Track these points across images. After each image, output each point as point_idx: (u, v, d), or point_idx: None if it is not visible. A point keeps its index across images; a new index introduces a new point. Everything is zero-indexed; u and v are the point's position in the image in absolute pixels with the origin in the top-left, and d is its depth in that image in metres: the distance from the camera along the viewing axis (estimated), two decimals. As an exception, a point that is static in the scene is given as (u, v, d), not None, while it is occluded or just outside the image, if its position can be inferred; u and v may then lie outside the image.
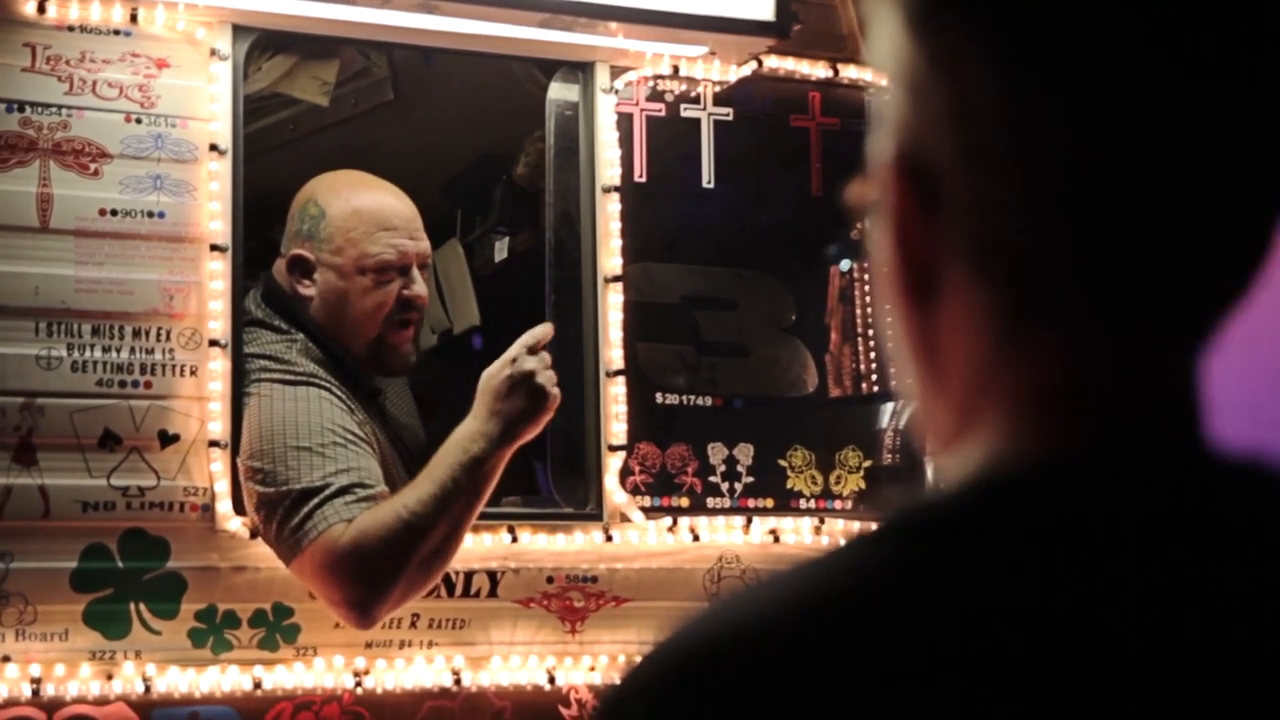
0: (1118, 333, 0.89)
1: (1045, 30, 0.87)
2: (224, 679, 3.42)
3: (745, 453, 3.88)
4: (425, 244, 3.71)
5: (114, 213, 3.45)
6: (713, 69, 3.95)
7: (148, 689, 3.36)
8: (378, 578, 3.28)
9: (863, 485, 3.96)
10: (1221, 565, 0.84)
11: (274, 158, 4.68)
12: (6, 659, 3.30)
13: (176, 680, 3.39)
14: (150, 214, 3.48)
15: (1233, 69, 0.87)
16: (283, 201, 4.58)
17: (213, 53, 3.55)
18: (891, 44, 0.93)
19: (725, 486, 3.86)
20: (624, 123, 3.88)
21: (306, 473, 3.34)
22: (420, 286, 3.66)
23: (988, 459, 0.90)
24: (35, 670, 3.30)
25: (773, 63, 3.98)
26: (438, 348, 5.32)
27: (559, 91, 3.92)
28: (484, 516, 3.58)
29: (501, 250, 5.09)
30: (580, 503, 3.77)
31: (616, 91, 3.87)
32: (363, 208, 3.64)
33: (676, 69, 3.92)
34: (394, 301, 3.62)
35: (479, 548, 3.61)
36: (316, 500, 3.31)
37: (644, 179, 3.88)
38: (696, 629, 0.87)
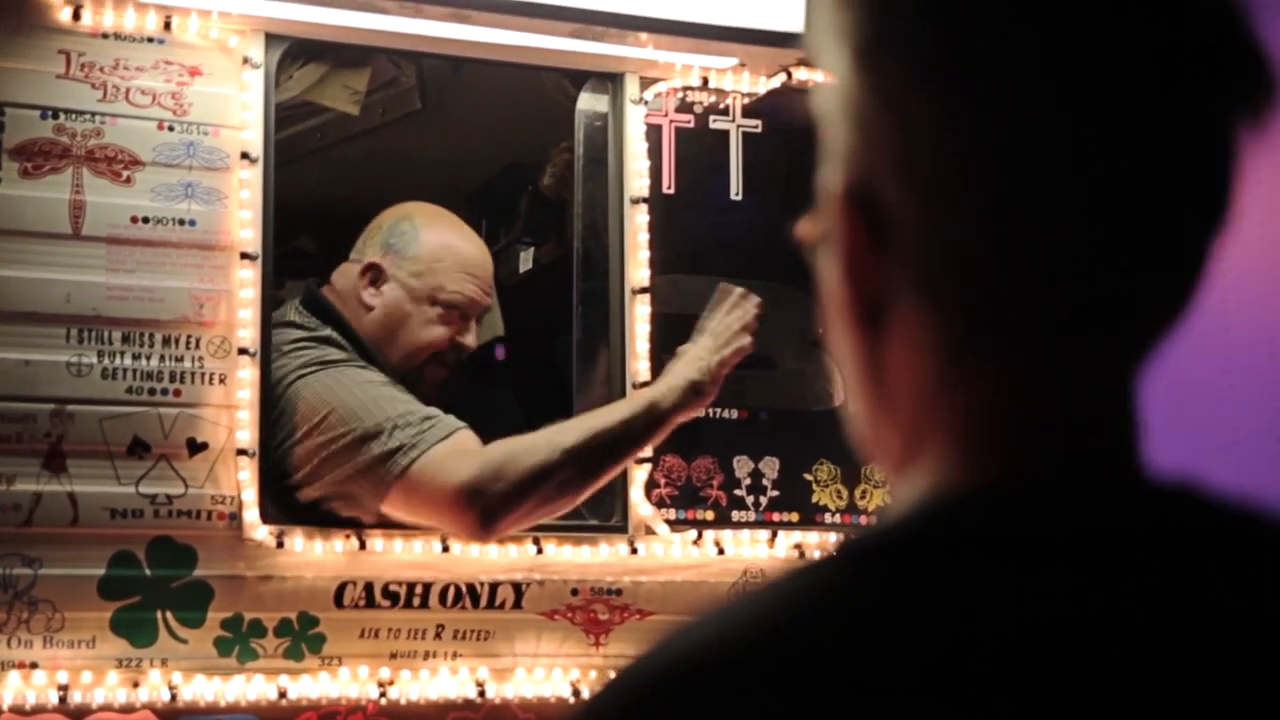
0: (1060, 359, 0.92)
1: (987, 69, 0.89)
2: (249, 688, 3.43)
3: (771, 466, 3.87)
4: (489, 302, 3.89)
5: (145, 220, 3.46)
6: (742, 80, 3.95)
7: (174, 697, 3.37)
8: (514, 487, 3.35)
9: (888, 500, 3.96)
10: (1153, 580, 0.87)
11: (300, 166, 4.69)
12: (34, 665, 3.30)
13: (202, 689, 3.40)
14: (181, 222, 3.49)
15: (1167, 104, 0.90)
16: (309, 210, 4.60)
17: (245, 61, 3.55)
18: (837, 77, 0.95)
19: (750, 500, 3.85)
20: (653, 134, 3.88)
21: (394, 411, 3.45)
22: (472, 338, 3.82)
23: (934, 483, 0.92)
24: (63, 677, 3.31)
25: (802, 74, 3.97)
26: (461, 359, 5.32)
27: (588, 102, 3.92)
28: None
29: (526, 261, 5.08)
30: (605, 515, 3.77)
31: (646, 102, 3.88)
32: (455, 246, 3.80)
33: (706, 80, 3.93)
34: (447, 342, 3.75)
35: (503, 559, 3.61)
36: (411, 430, 3.41)
37: (672, 190, 3.89)
38: (668, 648, 0.89)
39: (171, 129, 3.51)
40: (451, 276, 3.76)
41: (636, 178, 3.84)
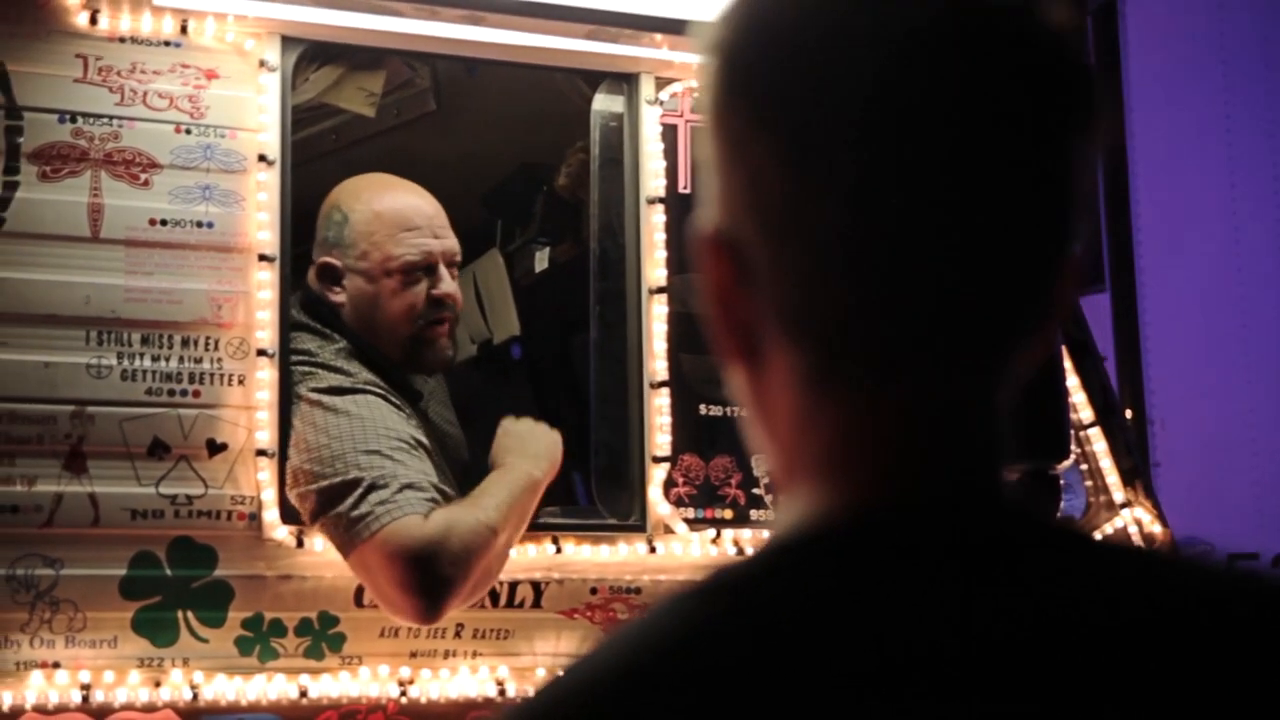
0: (905, 385, 0.97)
1: (813, 117, 0.95)
2: (270, 687, 3.44)
3: (789, 464, 3.87)
4: (451, 242, 3.77)
5: (163, 223, 3.48)
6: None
7: (195, 696, 3.38)
8: (455, 572, 3.30)
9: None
10: (991, 589, 0.92)
11: (316, 168, 4.70)
12: (57, 665, 3.32)
13: (223, 688, 3.41)
14: (199, 224, 3.50)
15: (994, 131, 0.95)
16: (314, 210, 4.60)
17: (261, 64, 3.57)
18: (705, 128, 1.02)
19: (769, 499, 3.86)
20: (669, 134, 3.89)
21: (374, 470, 3.38)
22: (449, 284, 3.72)
23: (802, 509, 0.99)
24: (85, 677, 3.32)
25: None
26: (477, 358, 5.33)
27: (604, 103, 3.93)
28: (529, 527, 3.61)
29: (542, 261, 5.10)
30: (624, 514, 3.77)
31: (661, 103, 3.89)
32: (384, 210, 3.72)
33: (721, 81, 3.92)
34: (424, 302, 3.69)
35: (523, 558, 3.62)
36: (387, 492, 3.34)
37: (689, 190, 3.89)
38: (586, 663, 0.96)
39: (189, 132, 3.52)
40: (392, 240, 3.68)
41: (653, 178, 3.85)
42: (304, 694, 3.46)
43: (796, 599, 0.93)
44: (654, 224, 3.84)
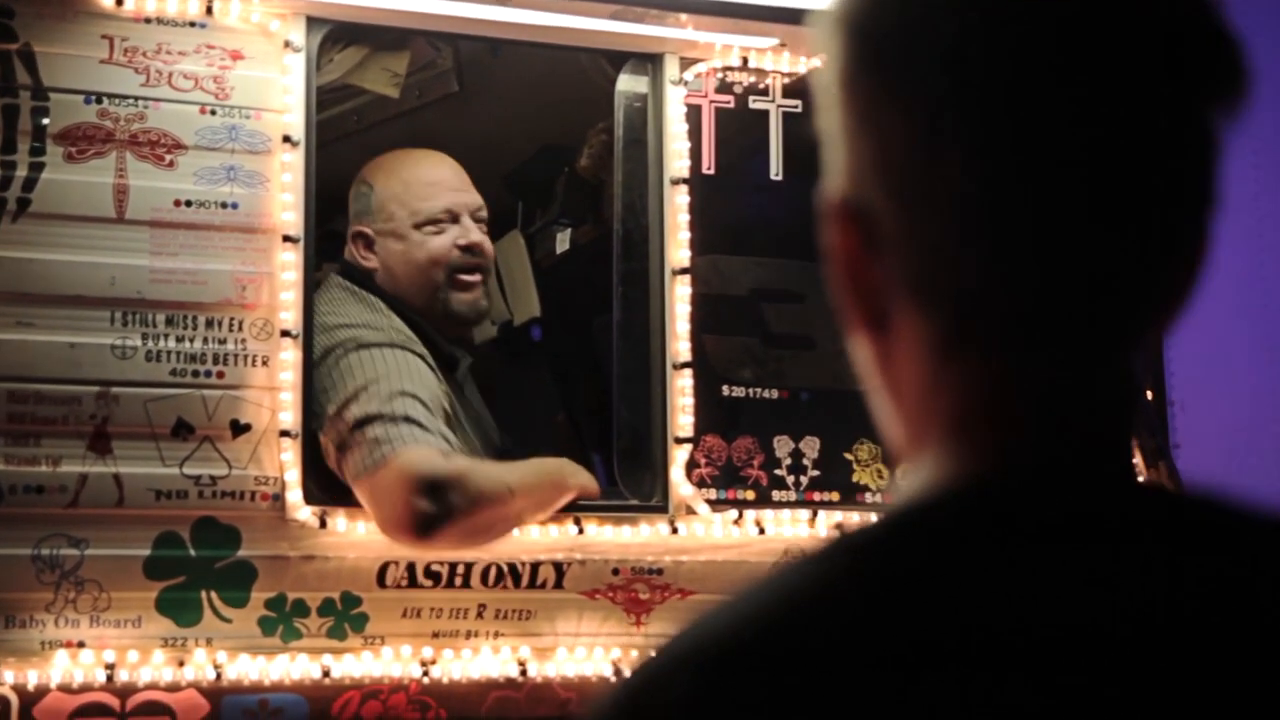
0: (1039, 357, 0.96)
1: (947, 86, 0.95)
2: (293, 667, 3.45)
3: (811, 446, 3.87)
4: (473, 196, 3.95)
5: (188, 204, 3.48)
6: (782, 61, 3.95)
7: (218, 676, 3.40)
8: (462, 505, 3.38)
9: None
10: (1126, 563, 0.92)
11: (338, 149, 4.70)
12: (81, 644, 3.34)
13: (247, 668, 3.42)
14: (224, 205, 3.51)
15: (1133, 97, 0.94)
16: (342, 192, 4.61)
17: (286, 44, 3.57)
18: (829, 99, 1.02)
19: (791, 480, 3.86)
20: (693, 114, 3.88)
21: (401, 407, 3.47)
22: (476, 234, 3.89)
23: (930, 477, 0.98)
24: (109, 656, 3.34)
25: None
26: (498, 339, 5.34)
27: (628, 83, 3.92)
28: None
29: (563, 242, 5.09)
30: (646, 495, 3.77)
31: (685, 83, 3.88)
32: (405, 174, 3.90)
33: (746, 60, 3.93)
34: (451, 250, 3.84)
35: (545, 539, 3.63)
36: (409, 427, 3.44)
37: (712, 171, 3.89)
38: (696, 630, 0.95)
39: (214, 113, 3.53)
40: (416, 196, 3.87)
41: (676, 158, 3.85)
42: (327, 674, 3.47)
43: (912, 566, 0.92)
44: (677, 205, 3.83)
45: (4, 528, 3.31)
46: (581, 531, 3.66)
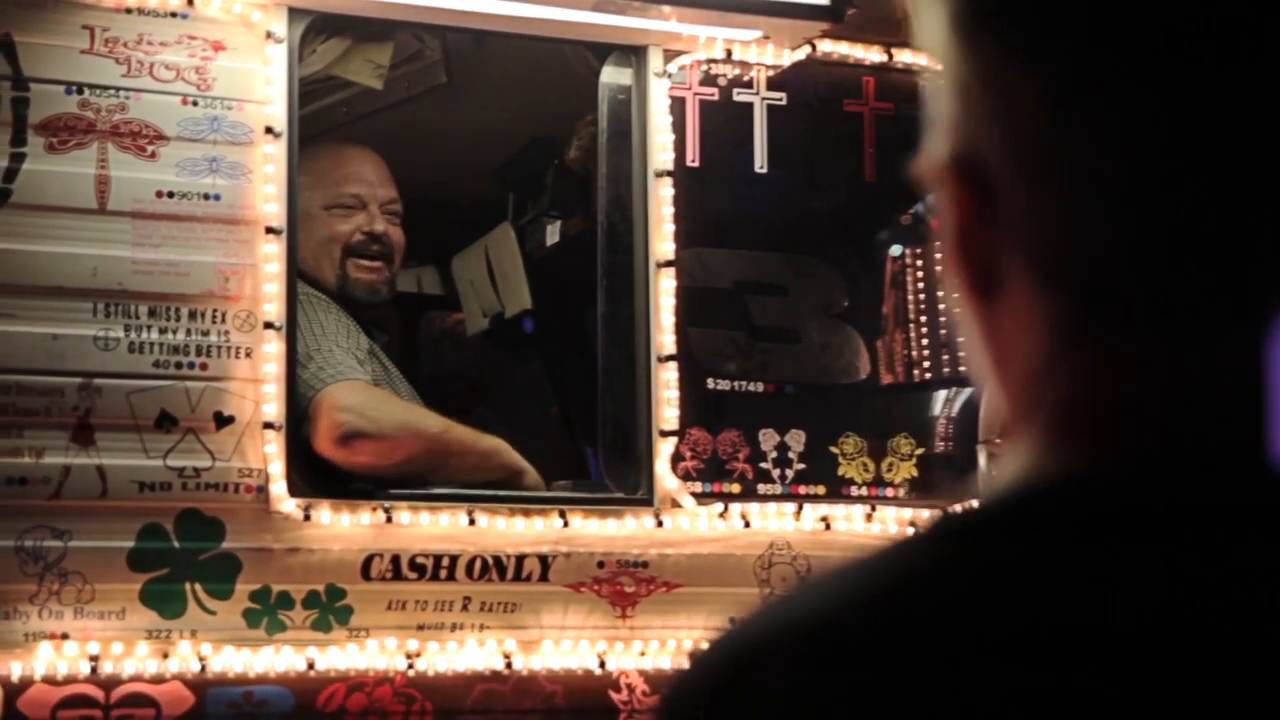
0: (1173, 341, 0.88)
1: (1086, 46, 0.86)
2: (278, 659, 3.45)
3: (797, 439, 3.87)
4: (388, 190, 4.14)
5: (170, 195, 3.48)
6: (766, 53, 3.94)
7: (203, 668, 3.39)
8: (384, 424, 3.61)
9: (915, 473, 3.95)
10: (1257, 559, 0.84)
11: (327, 140, 4.69)
12: (65, 636, 3.33)
13: (231, 660, 3.42)
14: (206, 196, 3.50)
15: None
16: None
17: (268, 35, 3.56)
18: (940, 45, 0.92)
19: (777, 473, 3.85)
20: (677, 107, 3.88)
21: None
22: (380, 224, 4.05)
23: (1033, 462, 0.90)
24: (93, 648, 3.33)
25: (826, 47, 3.96)
26: (490, 330, 5.34)
27: (611, 75, 3.92)
28: (535, 500, 3.63)
29: (553, 234, 5.08)
30: (631, 488, 3.77)
31: (669, 75, 3.87)
32: (326, 162, 4.08)
33: (730, 53, 3.91)
34: (355, 234, 4.00)
35: (530, 531, 3.62)
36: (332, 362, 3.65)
37: (697, 164, 3.88)
38: (764, 619, 0.89)
39: (195, 104, 3.52)
40: (329, 181, 4.02)
41: (660, 151, 3.84)
42: (311, 666, 3.46)
43: (1010, 555, 0.86)
44: (662, 197, 3.82)
45: (-13, 519, 3.30)
46: (566, 524, 3.65)
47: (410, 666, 3.53)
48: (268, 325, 3.49)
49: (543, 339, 5.21)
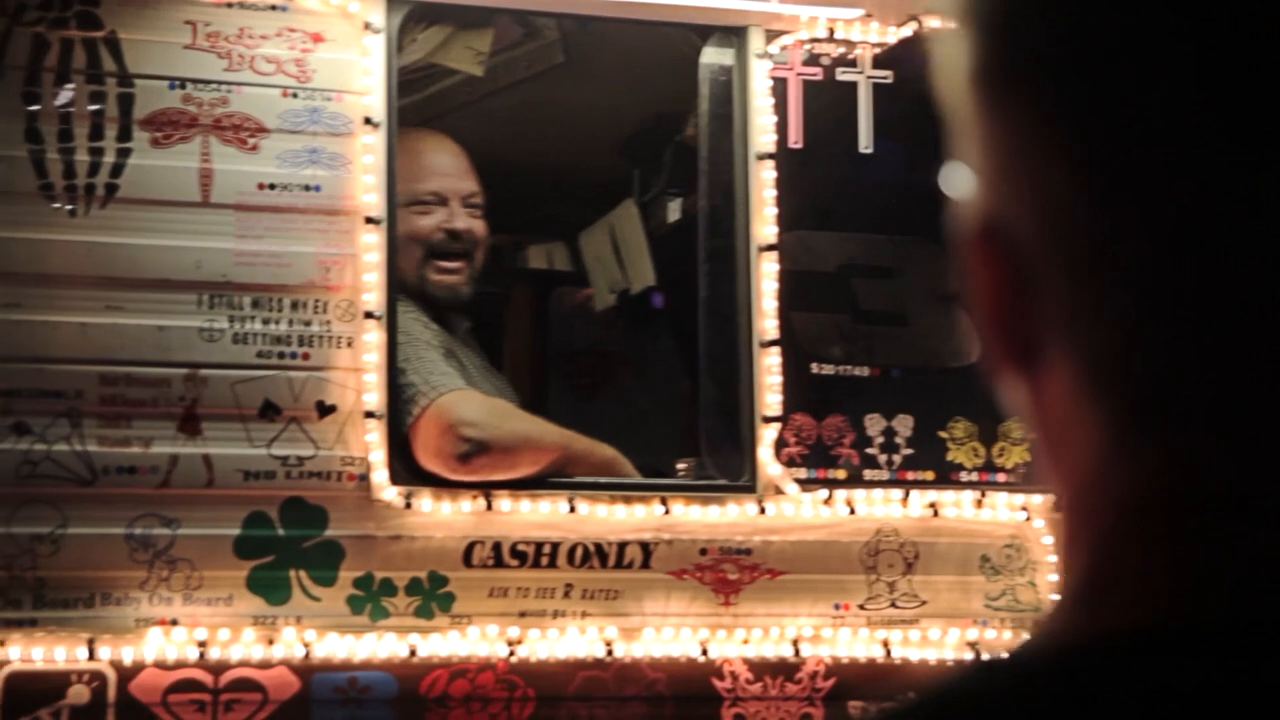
0: (1226, 445, 0.77)
1: (1127, 135, 0.74)
2: (380, 646, 3.48)
3: (904, 424, 3.80)
4: (468, 183, 4.03)
5: (272, 186, 3.52)
6: (870, 31, 3.86)
7: (307, 654, 3.44)
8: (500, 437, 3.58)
9: (1027, 458, 3.86)
10: None
11: (458, 121, 4.72)
12: (175, 622, 3.40)
13: (335, 646, 3.46)
14: (306, 187, 3.53)
15: None
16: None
17: (366, 26, 3.58)
18: (965, 98, 0.80)
19: (883, 459, 3.79)
20: (779, 88, 3.82)
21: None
22: (463, 220, 3.96)
23: (1100, 585, 0.79)
24: (201, 634, 3.40)
25: (933, 23, 3.87)
26: (618, 307, 5.34)
27: (713, 56, 3.87)
28: (636, 488, 3.62)
29: (674, 211, 5.05)
30: (734, 475, 3.74)
31: (771, 56, 3.81)
32: (403, 156, 3.85)
33: (832, 31, 3.85)
34: (436, 232, 3.91)
35: (631, 519, 3.62)
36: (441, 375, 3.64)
37: (800, 145, 3.82)
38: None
39: (295, 96, 3.55)
40: (408, 176, 3.85)
41: (761, 133, 3.79)
42: (414, 652, 3.50)
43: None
44: (763, 180, 3.77)
45: (98, 508, 3.38)
46: (668, 512, 3.64)
47: (512, 653, 3.54)
48: (368, 315, 3.52)
49: (671, 314, 5.18)
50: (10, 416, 3.37)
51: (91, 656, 3.34)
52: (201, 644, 3.40)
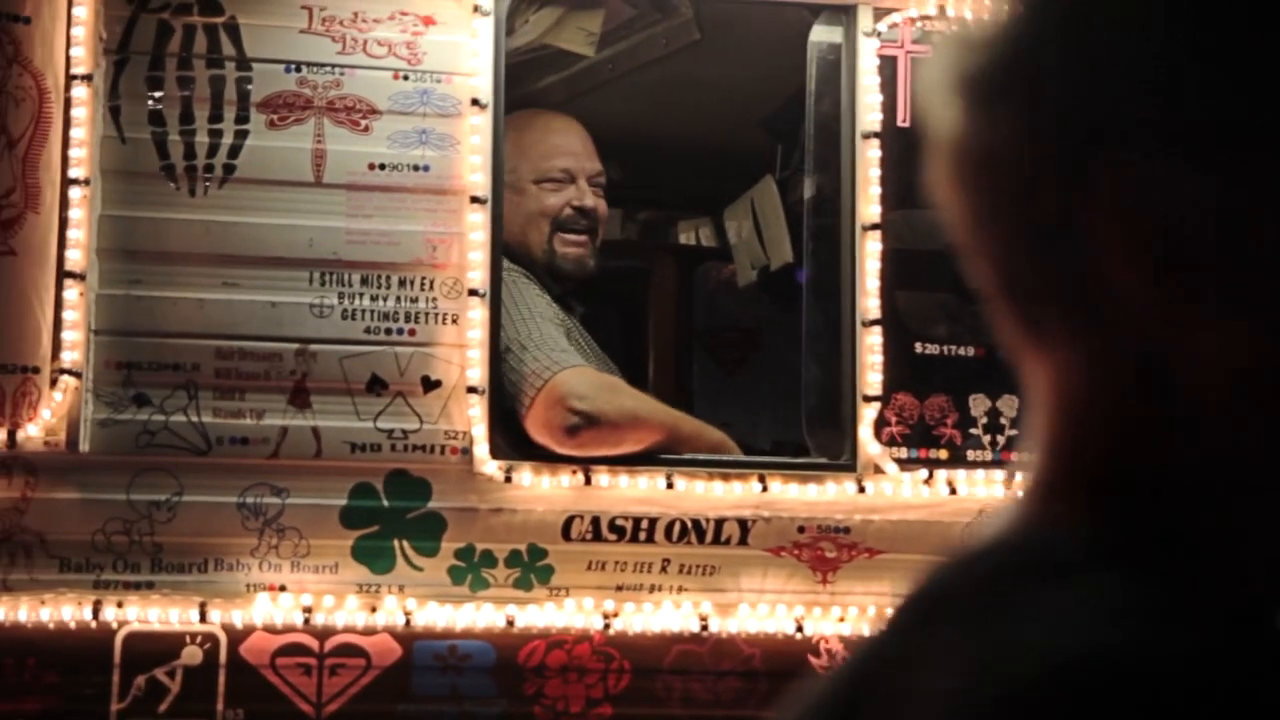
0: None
1: None
2: (480, 615, 3.57)
3: (1009, 405, 3.76)
4: (594, 163, 4.10)
5: (382, 167, 3.61)
6: (981, 8, 3.81)
7: (409, 622, 3.54)
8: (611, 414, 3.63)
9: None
10: None
11: (603, 96, 4.79)
12: (283, 588, 3.53)
13: (436, 615, 3.56)
14: (416, 168, 3.62)
15: None
16: (603, 138, 4.67)
17: (475, 9, 3.65)
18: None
19: (987, 439, 3.75)
20: (887, 66, 3.79)
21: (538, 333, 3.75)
22: (590, 198, 4.03)
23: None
24: (307, 600, 3.52)
25: (1046, -1, 3.80)
26: (758, 282, 5.35)
27: (821, 35, 3.86)
28: (734, 465, 3.64)
29: (810, 187, 5.03)
30: (834, 454, 3.74)
31: (880, 34, 3.79)
32: (533, 135, 4.05)
33: (943, 9, 3.80)
34: (565, 208, 3.99)
35: (729, 496, 3.64)
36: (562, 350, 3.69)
37: (908, 124, 3.79)
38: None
39: (406, 78, 3.64)
40: (539, 154, 3.99)
41: (868, 111, 3.77)
42: (512, 623, 3.57)
43: None
44: (869, 159, 3.76)
45: (212, 477, 3.52)
46: (765, 489, 3.65)
47: (608, 626, 3.60)
48: (472, 293, 3.60)
49: (812, 290, 5.17)
50: (131, 388, 3.52)
51: (204, 619, 3.48)
52: (307, 610, 3.52)
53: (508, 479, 3.57)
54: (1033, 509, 0.94)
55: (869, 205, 3.75)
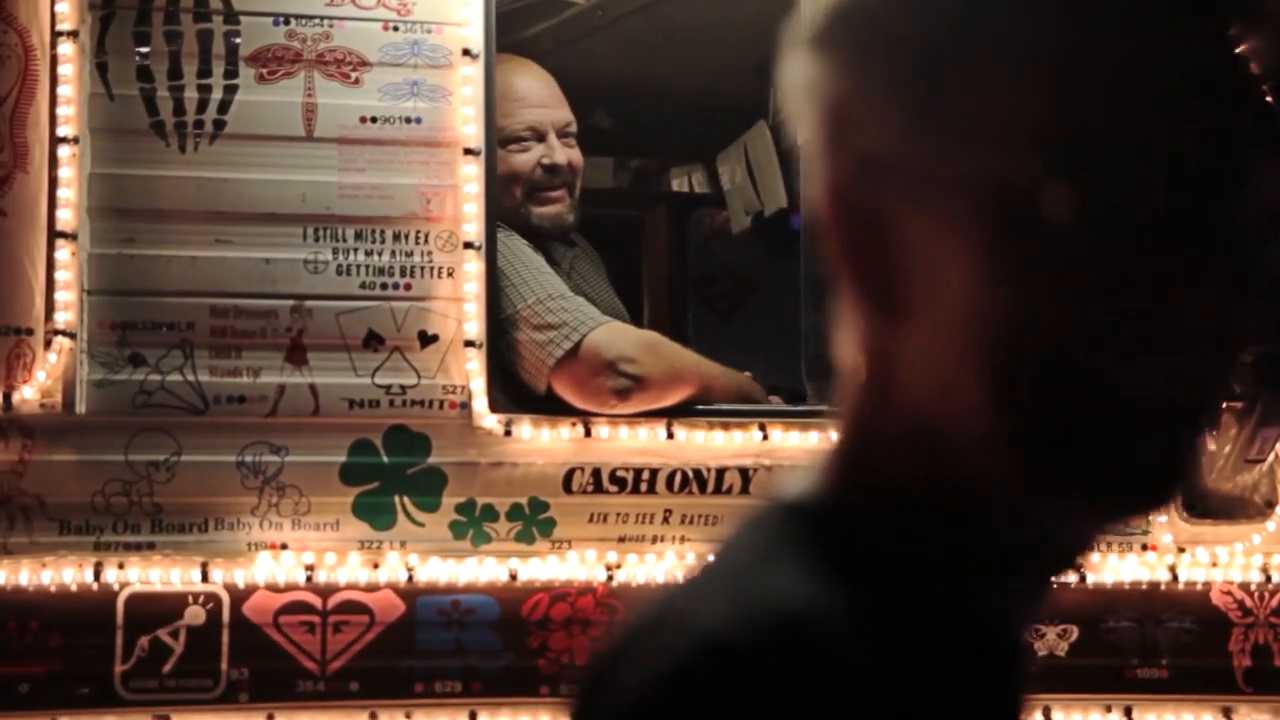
0: None
1: None
2: (482, 570, 3.55)
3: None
4: (561, 112, 3.94)
5: (373, 120, 3.57)
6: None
7: (411, 578, 3.53)
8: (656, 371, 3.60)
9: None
10: None
11: (591, 43, 4.74)
12: (284, 546, 3.51)
13: (438, 570, 3.54)
14: (408, 120, 3.58)
15: None
16: (594, 86, 4.62)
17: (464, -43, 3.60)
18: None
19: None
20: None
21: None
22: (560, 154, 3.90)
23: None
24: (308, 558, 3.50)
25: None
26: (752, 228, 5.32)
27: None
28: (734, 414, 3.62)
29: (803, 132, 4.99)
30: (832, 400, 3.70)
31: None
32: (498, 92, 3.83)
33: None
34: (535, 169, 3.87)
35: (730, 445, 3.62)
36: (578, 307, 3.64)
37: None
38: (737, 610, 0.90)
39: (396, 29, 3.59)
40: (501, 113, 3.77)
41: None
42: (514, 577, 3.56)
43: None
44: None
45: (211, 435, 3.50)
46: (766, 438, 3.64)
47: (611, 578, 3.59)
48: (467, 245, 3.56)
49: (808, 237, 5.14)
50: (126, 348, 3.49)
51: (205, 579, 3.47)
52: (309, 568, 3.50)
53: (507, 432, 3.55)
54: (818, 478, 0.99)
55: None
